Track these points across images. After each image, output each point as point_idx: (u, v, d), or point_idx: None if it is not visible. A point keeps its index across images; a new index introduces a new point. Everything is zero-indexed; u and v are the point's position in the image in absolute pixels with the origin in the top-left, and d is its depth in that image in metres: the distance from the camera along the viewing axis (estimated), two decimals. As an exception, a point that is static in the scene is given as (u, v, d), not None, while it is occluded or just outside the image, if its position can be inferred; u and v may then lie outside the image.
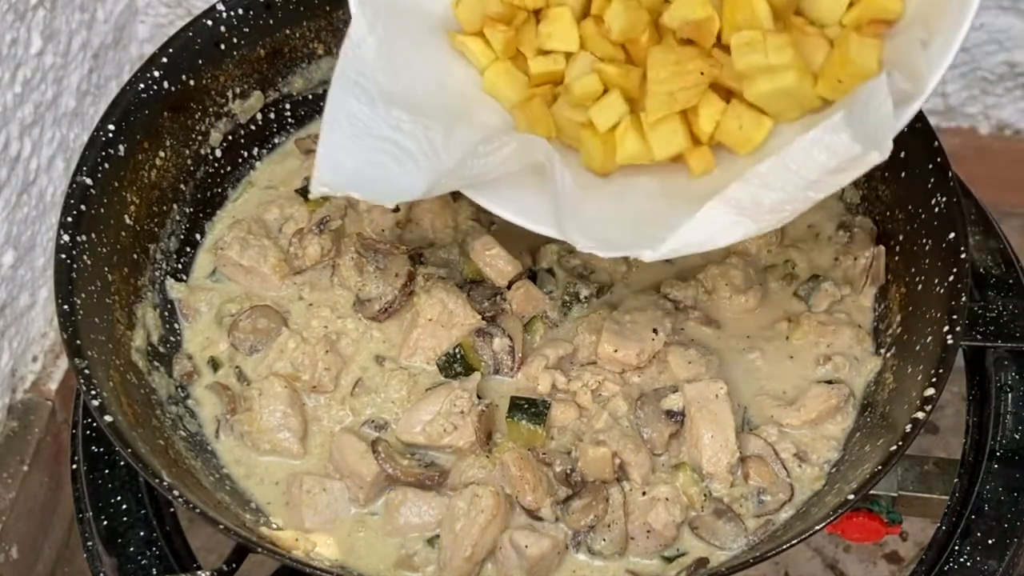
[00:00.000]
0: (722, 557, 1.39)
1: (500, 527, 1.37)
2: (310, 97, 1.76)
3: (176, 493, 1.30)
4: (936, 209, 1.45)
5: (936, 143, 1.47)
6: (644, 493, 1.40)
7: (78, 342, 1.38)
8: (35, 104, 1.94)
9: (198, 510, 1.29)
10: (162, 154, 1.59)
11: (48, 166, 2.01)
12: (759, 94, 1.25)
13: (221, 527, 1.30)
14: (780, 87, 1.24)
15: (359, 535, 1.42)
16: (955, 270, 1.40)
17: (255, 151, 1.73)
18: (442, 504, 1.40)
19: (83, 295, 1.42)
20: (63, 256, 1.42)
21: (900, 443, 1.30)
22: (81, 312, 1.41)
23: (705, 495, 1.41)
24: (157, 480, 1.31)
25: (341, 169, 1.24)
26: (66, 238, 1.43)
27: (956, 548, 1.40)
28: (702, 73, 1.25)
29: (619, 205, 1.29)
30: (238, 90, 1.67)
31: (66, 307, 1.40)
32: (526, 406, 1.44)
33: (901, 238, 1.53)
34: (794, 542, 1.29)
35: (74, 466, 1.50)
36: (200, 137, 1.65)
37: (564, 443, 1.45)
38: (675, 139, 1.28)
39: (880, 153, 1.11)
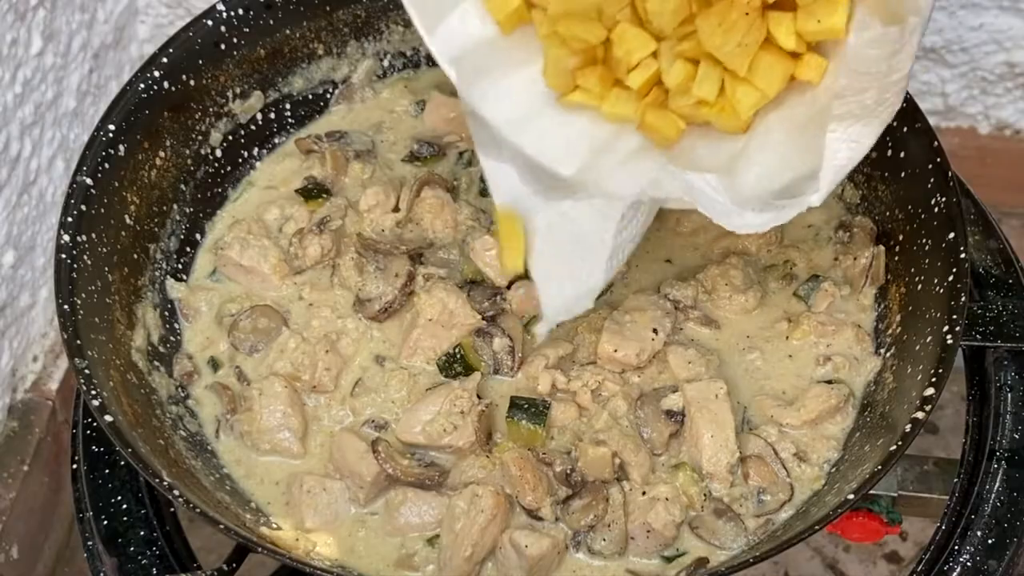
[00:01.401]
0: (722, 557, 1.39)
1: (500, 527, 1.37)
2: (310, 97, 1.76)
3: (176, 493, 1.30)
4: (936, 209, 1.45)
5: (936, 143, 1.47)
6: (644, 493, 1.40)
7: (78, 342, 1.38)
8: (35, 104, 1.94)
9: (198, 510, 1.29)
10: (162, 154, 1.59)
11: (48, 166, 2.01)
12: None
13: (221, 527, 1.30)
14: None
15: (359, 535, 1.42)
16: (955, 270, 1.40)
17: (255, 151, 1.73)
18: (442, 504, 1.40)
19: (83, 295, 1.42)
20: (63, 256, 1.42)
21: (900, 443, 1.30)
22: (81, 312, 1.41)
23: (705, 495, 1.42)
24: (157, 480, 1.31)
25: (559, 294, 1.30)
26: (66, 238, 1.43)
27: (956, 548, 1.40)
28: (747, 13, 1.25)
29: (768, 157, 1.30)
30: (238, 90, 1.67)
31: (66, 307, 1.40)
32: (526, 406, 1.44)
33: (901, 238, 1.53)
34: (794, 542, 1.29)
35: (74, 466, 1.50)
36: (200, 137, 1.65)
37: (564, 443, 1.45)
38: (775, 70, 1.28)
39: (918, 16, 1.13)
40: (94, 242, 1.46)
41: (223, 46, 1.63)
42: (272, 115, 1.73)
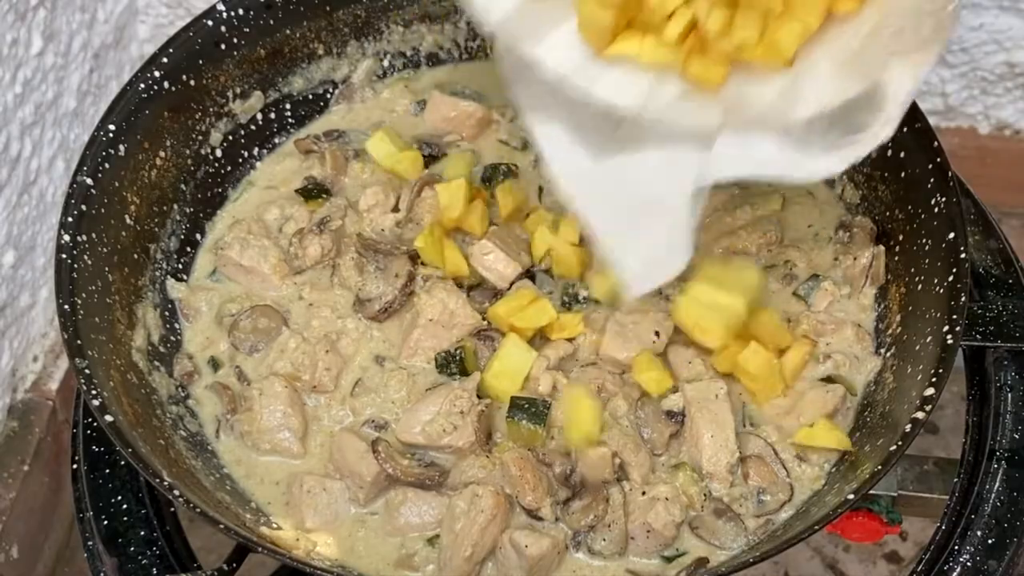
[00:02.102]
0: (722, 557, 1.39)
1: (500, 527, 1.37)
2: (310, 97, 1.76)
3: (176, 493, 1.30)
4: (936, 209, 1.45)
5: (936, 143, 1.47)
6: (644, 493, 1.40)
7: (78, 342, 1.38)
8: (36, 104, 1.94)
9: (198, 510, 1.29)
10: (162, 154, 1.59)
11: (48, 166, 2.01)
12: None
13: (221, 527, 1.30)
14: None
15: (359, 535, 1.42)
16: (955, 270, 1.40)
17: (255, 151, 1.73)
18: (442, 504, 1.40)
19: (83, 295, 1.42)
20: (63, 256, 1.42)
21: (900, 443, 1.30)
22: (81, 312, 1.41)
23: (705, 495, 1.42)
24: (157, 480, 1.31)
25: (635, 263, 1.31)
26: (66, 238, 1.43)
27: (956, 548, 1.40)
28: None
29: (819, 88, 1.27)
30: (238, 90, 1.67)
31: (66, 307, 1.40)
32: (526, 406, 1.43)
33: (901, 238, 1.53)
34: (794, 542, 1.29)
35: (74, 466, 1.50)
36: (200, 137, 1.65)
37: (564, 443, 1.45)
38: (812, 1, 1.25)
39: None
40: (94, 242, 1.46)
41: (223, 46, 1.63)
42: (272, 115, 1.73)
